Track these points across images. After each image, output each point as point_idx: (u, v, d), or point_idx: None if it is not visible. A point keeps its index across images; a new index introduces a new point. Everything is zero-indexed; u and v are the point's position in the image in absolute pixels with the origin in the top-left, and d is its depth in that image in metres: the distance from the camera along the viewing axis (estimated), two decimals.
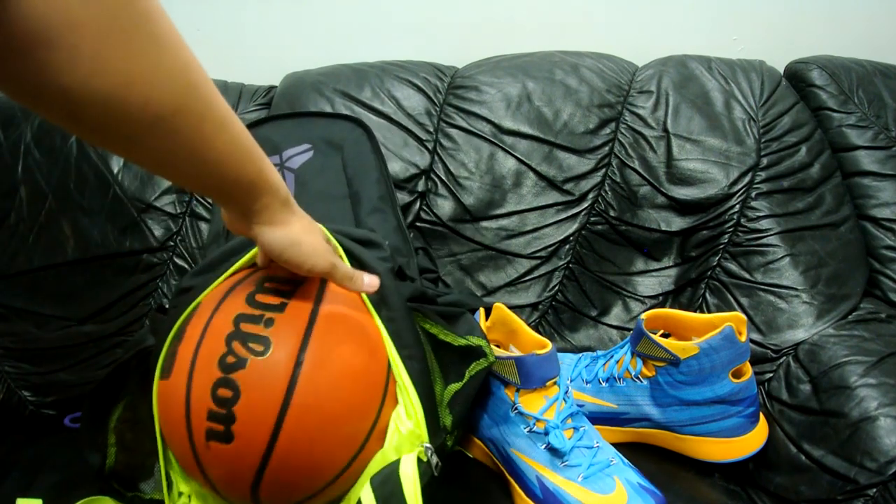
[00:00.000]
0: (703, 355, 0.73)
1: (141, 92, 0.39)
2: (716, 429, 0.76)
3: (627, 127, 0.97)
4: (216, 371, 0.53)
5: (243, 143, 0.49)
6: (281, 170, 0.86)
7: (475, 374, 0.65)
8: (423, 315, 0.66)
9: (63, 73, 0.36)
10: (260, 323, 0.55)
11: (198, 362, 0.55)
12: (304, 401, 0.53)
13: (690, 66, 1.01)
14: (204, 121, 0.44)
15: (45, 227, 0.89)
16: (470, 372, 0.65)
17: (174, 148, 0.44)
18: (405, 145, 0.96)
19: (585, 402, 0.80)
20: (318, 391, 0.54)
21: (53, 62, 0.35)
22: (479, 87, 0.98)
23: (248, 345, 0.54)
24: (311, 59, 1.04)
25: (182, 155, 0.44)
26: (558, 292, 0.97)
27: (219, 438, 0.53)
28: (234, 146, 0.48)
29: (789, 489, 0.74)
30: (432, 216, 0.96)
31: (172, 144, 0.43)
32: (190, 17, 1.05)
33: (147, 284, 0.92)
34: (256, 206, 0.52)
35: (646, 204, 0.95)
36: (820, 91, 1.02)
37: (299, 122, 0.90)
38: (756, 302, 0.91)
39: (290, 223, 0.54)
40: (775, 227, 0.93)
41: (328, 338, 0.56)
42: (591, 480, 0.66)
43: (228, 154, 0.47)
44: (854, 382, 0.75)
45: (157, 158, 0.44)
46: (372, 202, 0.84)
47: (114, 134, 0.41)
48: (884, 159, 0.98)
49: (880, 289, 0.94)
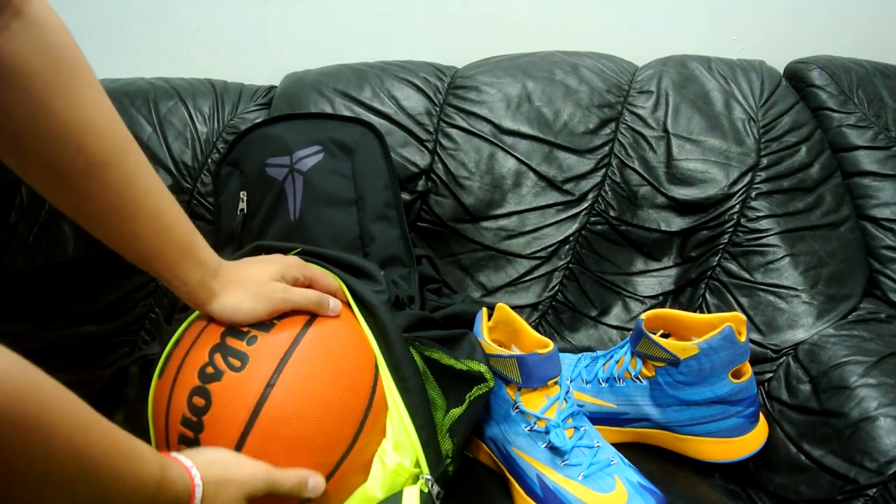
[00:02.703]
0: (702, 355, 0.73)
1: (74, 140, 0.45)
2: (716, 429, 0.76)
3: (627, 127, 0.97)
4: (195, 379, 0.56)
5: (174, 211, 0.54)
6: (290, 171, 0.86)
7: (475, 400, 0.66)
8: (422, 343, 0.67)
9: (15, 109, 0.43)
10: (244, 339, 0.57)
11: (183, 368, 0.58)
12: (268, 423, 0.54)
13: (690, 66, 1.01)
14: (133, 181, 0.50)
15: (45, 227, 0.89)
16: (470, 397, 0.66)
17: (104, 196, 0.49)
18: (405, 145, 0.96)
19: (585, 402, 0.80)
20: (283, 416, 0.55)
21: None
22: (479, 87, 0.98)
23: (228, 359, 0.56)
24: (311, 59, 1.04)
25: (110, 206, 0.49)
26: (558, 292, 0.97)
27: (188, 444, 0.55)
28: (163, 211, 0.52)
29: (789, 489, 0.74)
30: (432, 216, 0.96)
31: (103, 193, 0.48)
32: (190, 17, 1.05)
33: (147, 284, 0.92)
34: (194, 279, 0.56)
35: (646, 204, 0.95)
36: (820, 91, 1.02)
37: (312, 123, 0.90)
38: (756, 302, 0.91)
39: (225, 291, 0.58)
40: (775, 227, 0.93)
41: (305, 366, 0.57)
42: (592, 479, 0.66)
43: (157, 217, 0.52)
44: (854, 382, 0.75)
45: (88, 207, 0.50)
46: (377, 209, 0.84)
47: (52, 171, 0.46)
48: (884, 159, 0.98)
49: (880, 289, 0.94)
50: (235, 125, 0.96)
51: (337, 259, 0.72)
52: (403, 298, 0.73)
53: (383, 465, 0.60)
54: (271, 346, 0.57)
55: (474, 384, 0.66)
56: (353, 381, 0.60)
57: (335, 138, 0.87)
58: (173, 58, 1.07)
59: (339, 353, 0.60)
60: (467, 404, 0.66)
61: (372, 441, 0.61)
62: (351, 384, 0.59)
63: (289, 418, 0.55)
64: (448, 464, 0.65)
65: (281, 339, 0.58)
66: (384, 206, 0.85)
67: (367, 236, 0.83)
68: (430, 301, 0.83)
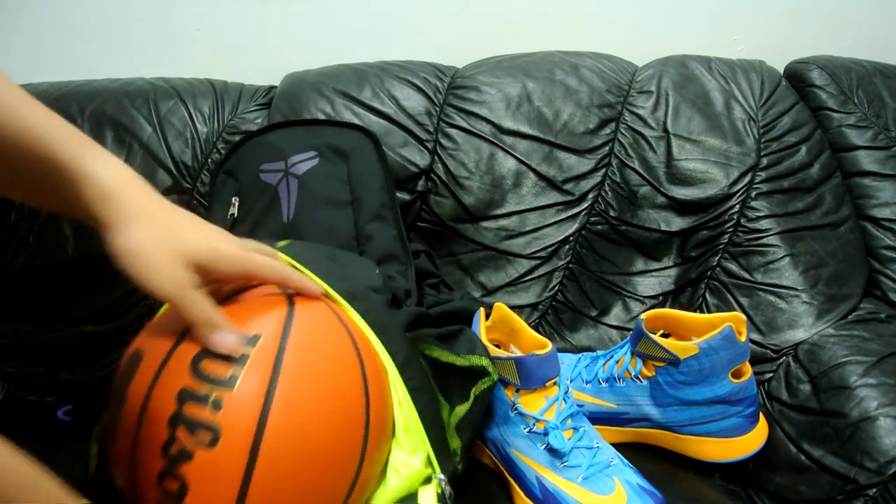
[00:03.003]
0: (702, 355, 0.73)
1: None
2: (715, 429, 0.76)
3: (627, 127, 0.97)
4: (160, 459, 0.46)
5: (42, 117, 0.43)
6: (285, 175, 0.86)
7: (480, 395, 0.65)
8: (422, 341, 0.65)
9: None
10: (207, 405, 0.46)
11: (140, 446, 0.47)
12: (262, 496, 0.47)
13: (690, 66, 1.01)
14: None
15: (45, 227, 0.89)
16: (475, 392, 0.65)
17: None
18: (405, 145, 0.96)
19: (585, 402, 0.80)
20: (277, 485, 0.47)
21: None
22: (479, 87, 0.98)
23: (195, 433, 0.46)
24: (311, 59, 1.04)
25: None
26: (558, 292, 0.97)
27: None
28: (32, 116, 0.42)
29: (789, 489, 0.74)
30: (432, 216, 0.96)
31: None
32: (190, 17, 1.05)
33: None
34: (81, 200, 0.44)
35: (646, 204, 0.95)
36: (820, 91, 1.02)
37: (308, 130, 0.90)
38: (756, 302, 0.91)
39: (130, 227, 0.44)
40: (775, 227, 0.93)
41: (289, 420, 0.48)
42: (591, 481, 0.66)
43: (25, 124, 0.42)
44: (854, 382, 0.75)
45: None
46: (373, 209, 0.84)
47: None
48: (884, 159, 0.98)
49: (880, 289, 0.94)
50: (235, 125, 0.96)
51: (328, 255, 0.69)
52: (400, 295, 0.72)
53: (396, 470, 0.58)
54: (242, 406, 0.47)
55: (477, 379, 0.65)
56: (344, 411, 0.52)
57: (331, 144, 0.88)
58: (173, 58, 1.07)
59: (325, 384, 0.51)
60: (472, 400, 0.65)
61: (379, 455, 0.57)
62: (343, 417, 0.51)
63: (283, 484, 0.48)
64: (457, 462, 0.64)
65: (251, 395, 0.47)
66: (380, 206, 0.85)
67: (364, 236, 0.83)
68: (429, 296, 0.83)
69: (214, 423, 0.46)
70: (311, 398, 0.50)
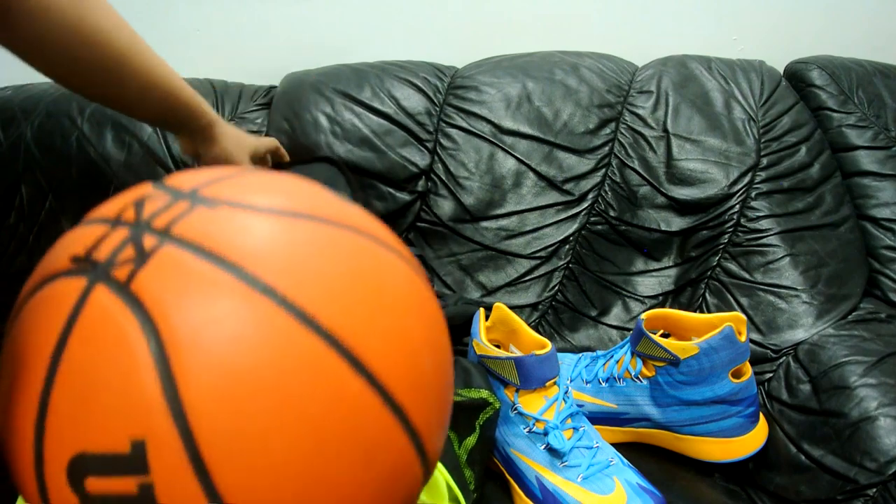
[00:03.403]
0: (702, 355, 0.73)
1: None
2: (716, 429, 0.76)
3: (627, 127, 0.97)
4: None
5: (176, 79, 0.68)
6: None
7: (485, 424, 0.66)
8: None
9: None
10: None
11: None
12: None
13: (690, 66, 1.01)
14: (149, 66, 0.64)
15: (45, 227, 0.89)
16: (479, 423, 0.65)
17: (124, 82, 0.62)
18: (405, 145, 0.96)
19: (585, 402, 0.80)
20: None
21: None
22: (479, 87, 0.98)
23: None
24: (311, 59, 1.04)
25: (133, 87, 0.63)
26: (558, 292, 0.97)
27: None
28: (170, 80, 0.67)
29: (789, 489, 0.74)
30: (432, 216, 0.96)
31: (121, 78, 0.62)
32: (190, 17, 1.05)
33: None
34: (199, 125, 0.71)
35: (646, 204, 0.95)
36: (820, 91, 1.02)
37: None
38: (756, 302, 0.91)
39: (222, 138, 0.74)
40: (775, 227, 0.93)
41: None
42: (591, 481, 0.66)
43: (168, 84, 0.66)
44: (854, 382, 0.75)
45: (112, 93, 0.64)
46: None
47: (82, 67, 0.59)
48: (884, 159, 0.98)
49: (880, 289, 0.94)
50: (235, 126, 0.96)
51: None
52: None
53: None
54: None
55: (479, 410, 0.66)
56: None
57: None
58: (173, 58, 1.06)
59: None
60: (479, 431, 0.66)
61: None
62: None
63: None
64: (472, 490, 0.65)
65: None
66: None
67: None
68: None
69: None
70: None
